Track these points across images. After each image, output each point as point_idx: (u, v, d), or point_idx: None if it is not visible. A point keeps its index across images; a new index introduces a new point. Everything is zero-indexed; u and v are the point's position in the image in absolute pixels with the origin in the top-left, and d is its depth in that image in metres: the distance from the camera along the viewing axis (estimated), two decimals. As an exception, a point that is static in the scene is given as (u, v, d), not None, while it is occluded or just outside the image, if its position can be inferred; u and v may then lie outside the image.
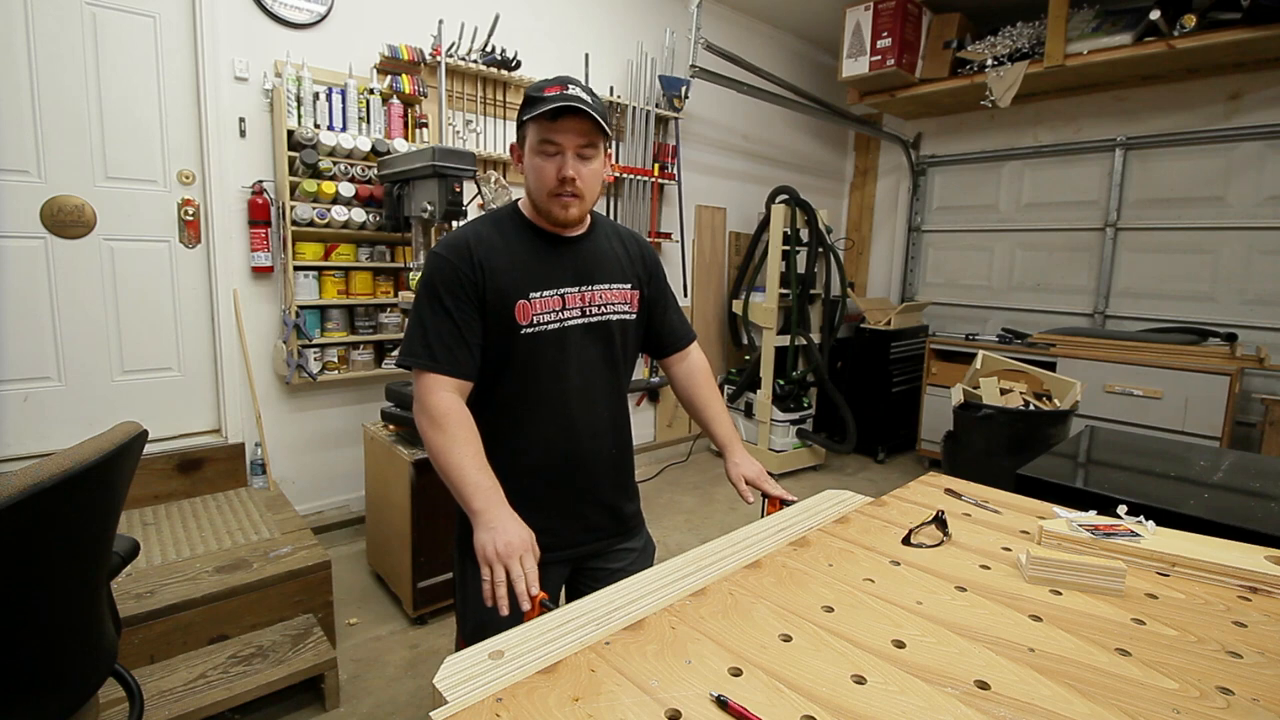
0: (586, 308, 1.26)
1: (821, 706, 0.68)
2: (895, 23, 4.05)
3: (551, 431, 1.26)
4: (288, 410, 2.86)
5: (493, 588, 1.02)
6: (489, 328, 1.20)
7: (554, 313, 1.23)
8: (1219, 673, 0.76)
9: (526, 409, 1.25)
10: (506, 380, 1.23)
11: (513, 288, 1.20)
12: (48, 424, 2.39)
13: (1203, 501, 1.48)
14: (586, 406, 1.28)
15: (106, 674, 1.15)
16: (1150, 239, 4.11)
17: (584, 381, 1.27)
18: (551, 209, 1.21)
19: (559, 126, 1.14)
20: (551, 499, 1.28)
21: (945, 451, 3.45)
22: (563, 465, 1.28)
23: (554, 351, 1.23)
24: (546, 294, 1.22)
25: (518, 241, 1.24)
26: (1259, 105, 3.69)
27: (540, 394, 1.24)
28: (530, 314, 1.20)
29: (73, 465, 0.89)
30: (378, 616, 2.43)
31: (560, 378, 1.24)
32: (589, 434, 1.29)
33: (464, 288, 1.18)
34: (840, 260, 4.46)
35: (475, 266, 1.18)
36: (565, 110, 1.12)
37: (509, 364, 1.22)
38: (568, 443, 1.27)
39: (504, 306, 1.19)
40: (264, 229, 2.65)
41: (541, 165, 1.17)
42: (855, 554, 1.05)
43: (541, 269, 1.23)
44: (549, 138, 1.15)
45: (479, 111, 3.21)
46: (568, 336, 1.24)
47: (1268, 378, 3.56)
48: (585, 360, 1.27)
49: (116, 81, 2.41)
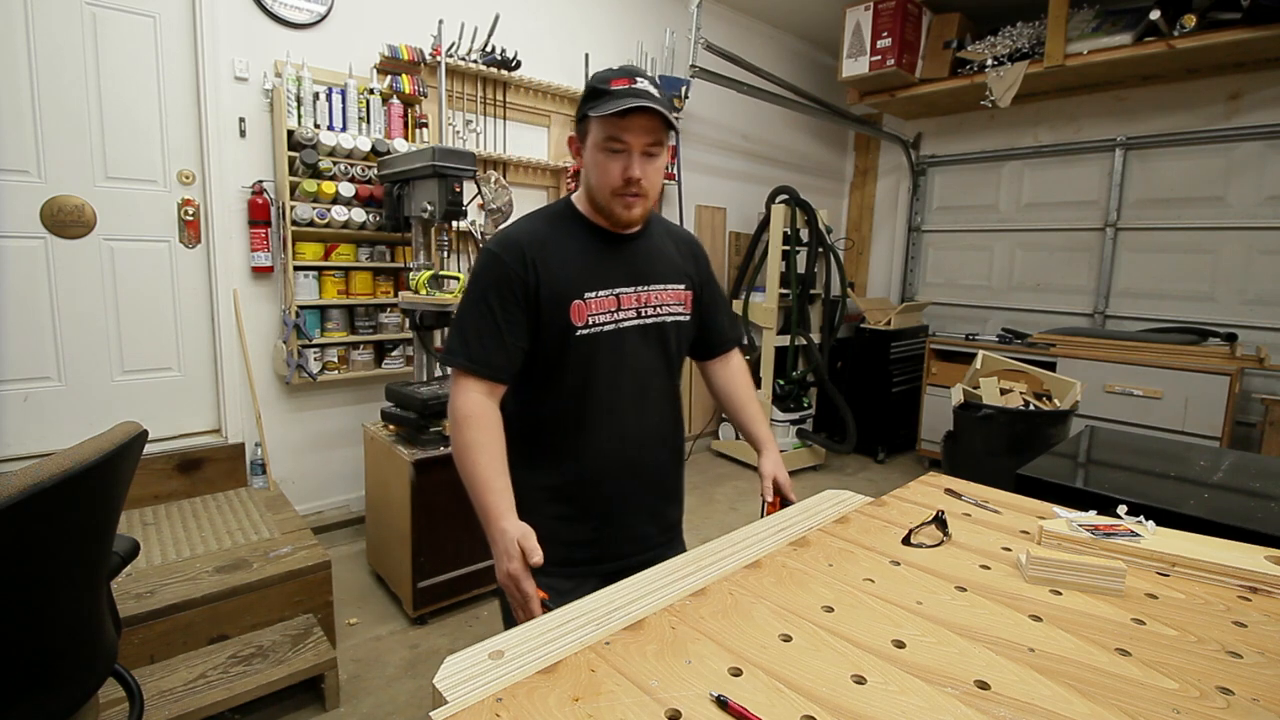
0: (642, 309, 1.22)
1: (821, 706, 0.68)
2: (895, 23, 4.05)
3: (605, 438, 1.22)
4: (288, 410, 2.86)
5: (516, 610, 1.05)
6: (542, 328, 1.16)
7: (609, 313, 1.19)
8: (1219, 673, 0.76)
9: (580, 414, 1.21)
10: (560, 383, 1.19)
11: (568, 288, 1.15)
12: (48, 424, 2.39)
13: (1203, 501, 1.48)
14: (641, 411, 1.25)
15: (106, 674, 1.15)
16: (1150, 239, 4.11)
17: (639, 385, 1.24)
18: (614, 209, 1.16)
19: (627, 124, 1.09)
20: (602, 508, 1.25)
21: (945, 451, 3.45)
22: (616, 473, 1.24)
23: (609, 354, 1.19)
24: (602, 294, 1.18)
25: (573, 239, 1.19)
26: (1259, 105, 3.69)
27: (595, 398, 1.20)
28: (585, 315, 1.16)
29: (73, 465, 0.89)
30: (378, 616, 2.43)
31: (615, 381, 1.21)
32: (642, 440, 1.26)
33: (512, 287, 1.14)
34: (840, 260, 4.46)
35: (528, 265, 1.14)
36: (635, 109, 1.07)
37: (563, 366, 1.18)
38: (621, 449, 1.24)
39: (558, 307, 1.15)
40: (264, 229, 2.65)
41: (606, 163, 1.12)
42: (855, 554, 1.05)
43: (597, 268, 1.19)
44: (616, 135, 1.10)
45: (479, 111, 3.21)
46: (623, 338, 1.20)
47: (1268, 378, 3.56)
48: (640, 363, 1.23)
49: (116, 81, 2.41)
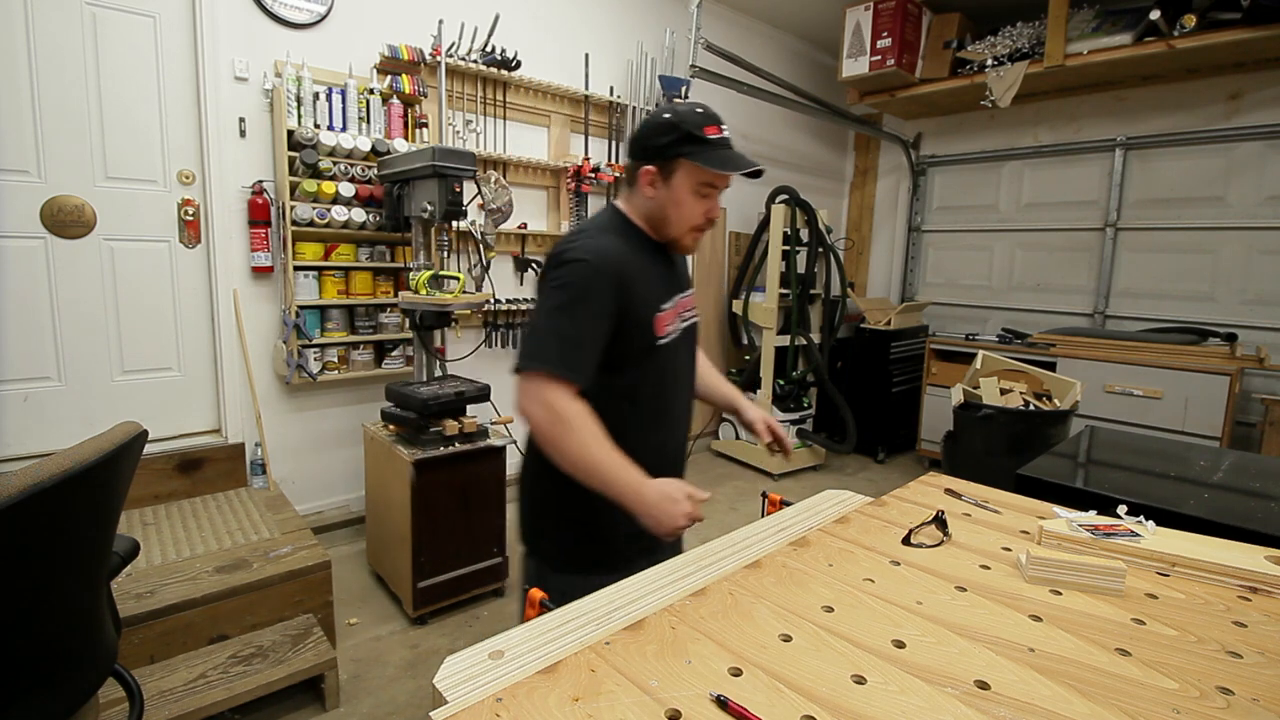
0: (683, 314, 1.36)
1: (821, 706, 0.68)
2: (895, 23, 4.05)
3: (666, 432, 1.35)
4: (288, 410, 2.86)
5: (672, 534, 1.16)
6: (626, 339, 1.22)
7: (674, 323, 1.31)
8: (1219, 673, 0.76)
9: (647, 421, 1.31)
10: (634, 394, 1.28)
11: (651, 301, 1.26)
12: (48, 424, 2.39)
13: (1203, 501, 1.48)
14: (685, 406, 1.41)
15: (106, 674, 1.15)
16: (1150, 239, 4.11)
17: (685, 384, 1.40)
18: (685, 241, 1.28)
19: (727, 178, 1.22)
20: None
21: (945, 451, 3.45)
22: (671, 461, 1.38)
23: (674, 358, 1.33)
24: (668, 305, 1.29)
25: (644, 255, 1.28)
26: (1259, 105, 3.69)
27: (666, 398, 1.33)
28: (665, 325, 1.28)
29: (73, 465, 0.89)
30: (378, 616, 2.43)
31: (675, 383, 1.35)
32: (684, 430, 1.42)
33: (605, 299, 1.17)
34: (840, 260, 4.46)
35: (618, 280, 1.19)
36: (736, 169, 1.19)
37: (642, 375, 1.28)
38: (674, 440, 1.38)
39: (644, 319, 1.24)
40: (264, 229, 2.65)
41: (695, 204, 1.23)
42: (855, 554, 1.05)
43: (663, 282, 1.31)
44: (713, 183, 1.22)
45: (479, 111, 3.21)
46: (681, 344, 1.34)
47: (1268, 378, 3.56)
48: (686, 363, 1.40)
49: (116, 82, 2.41)
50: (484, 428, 2.52)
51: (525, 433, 1.27)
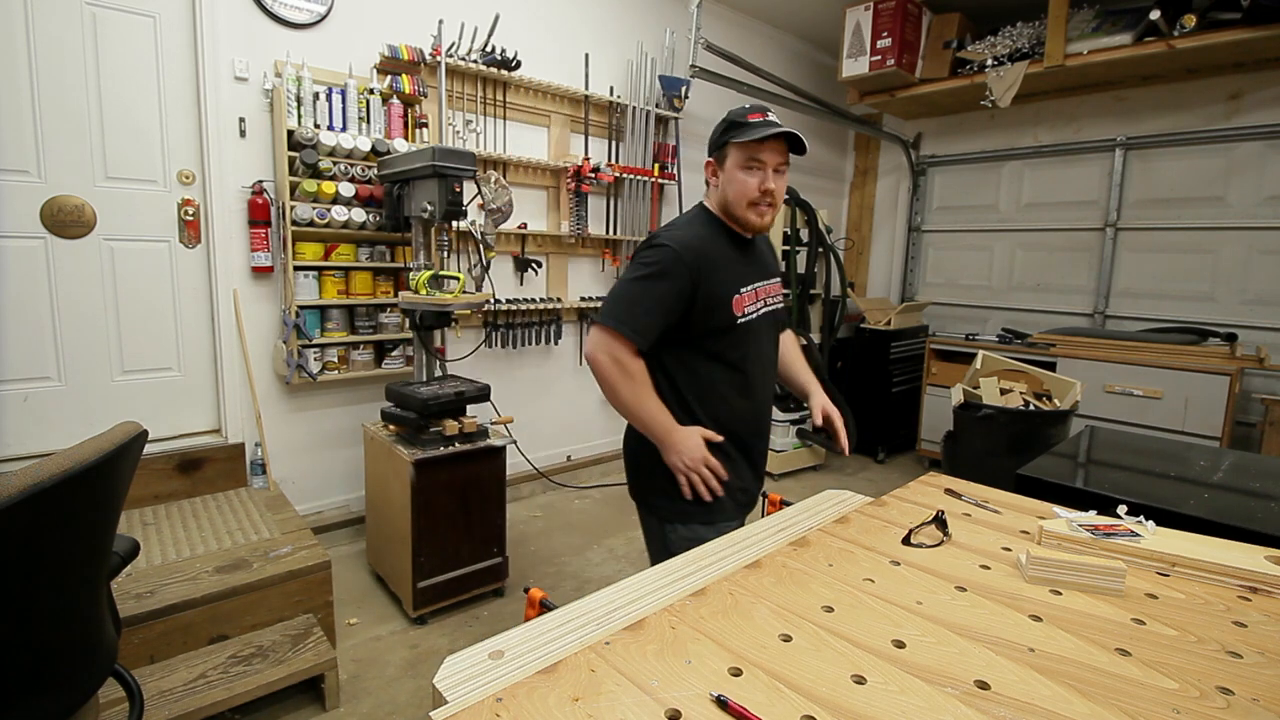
0: (766, 299, 1.52)
1: (821, 706, 0.68)
2: (895, 23, 4.05)
3: (747, 405, 1.50)
4: (288, 410, 2.86)
5: (690, 485, 1.42)
6: (705, 318, 1.41)
7: (754, 304, 1.48)
8: (1219, 673, 0.76)
9: (735, 390, 1.48)
10: (722, 364, 1.46)
11: (730, 284, 1.43)
12: (48, 424, 2.39)
13: (1203, 501, 1.48)
14: (766, 384, 1.55)
15: (106, 674, 1.15)
16: (1150, 239, 4.11)
17: (767, 362, 1.55)
18: (749, 217, 1.42)
19: (764, 147, 1.36)
20: (742, 461, 1.52)
21: (945, 451, 3.45)
22: (751, 434, 1.53)
23: (754, 337, 1.48)
24: (746, 289, 1.46)
25: (724, 245, 1.46)
26: (1259, 105, 3.69)
27: (745, 373, 1.48)
28: (743, 306, 1.45)
29: (73, 465, 0.89)
30: (378, 616, 2.43)
31: (757, 359, 1.50)
32: (766, 407, 1.57)
33: (682, 281, 1.38)
34: (840, 260, 4.46)
35: (696, 268, 1.38)
36: (771, 136, 1.33)
37: (725, 348, 1.45)
38: (756, 415, 1.53)
39: (722, 301, 1.41)
40: (264, 229, 2.65)
41: (745, 179, 1.38)
42: (855, 554, 1.05)
43: (743, 268, 1.47)
44: (755, 155, 1.36)
45: (479, 111, 3.21)
46: (761, 325, 1.50)
47: (1268, 378, 3.56)
48: (767, 344, 1.55)
49: (116, 81, 2.41)
50: (484, 428, 2.52)
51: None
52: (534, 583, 2.55)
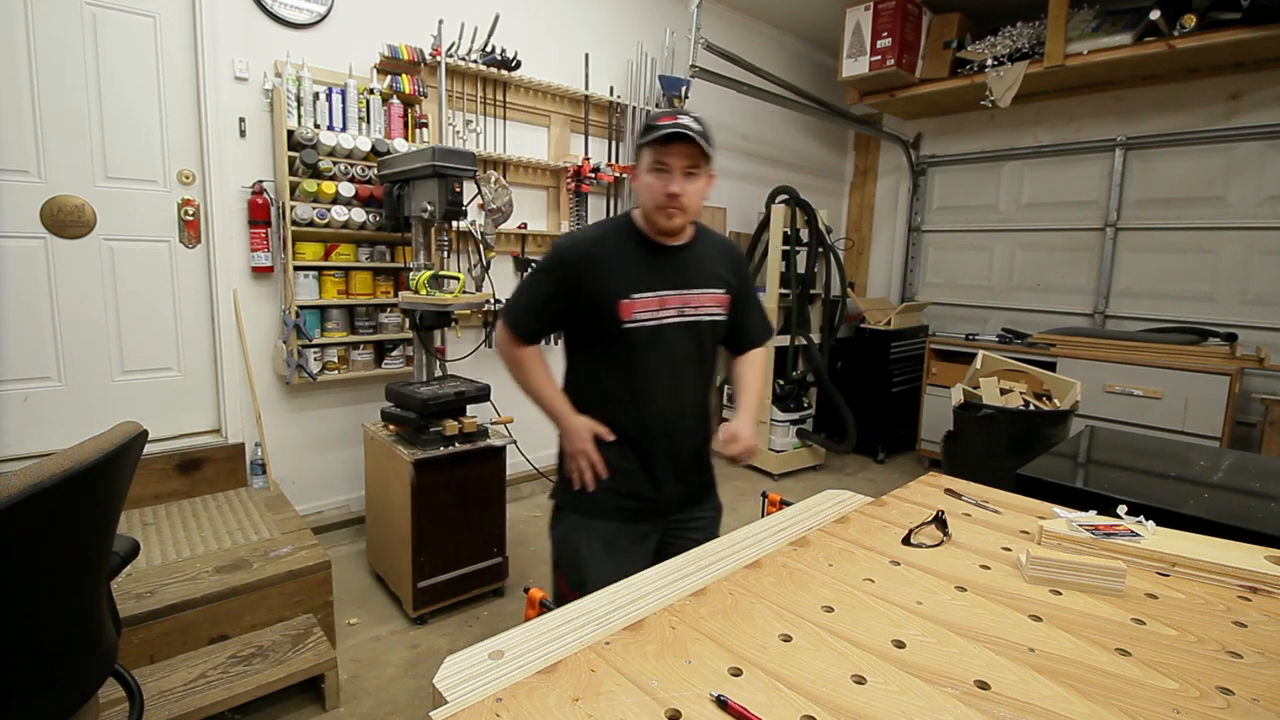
0: (684, 309, 1.45)
1: (821, 706, 0.68)
2: (895, 23, 4.05)
3: (646, 412, 1.45)
4: (288, 410, 2.86)
5: (578, 473, 1.45)
6: (591, 318, 1.42)
7: (652, 312, 1.42)
8: (1219, 673, 0.76)
9: (626, 394, 1.45)
10: (610, 367, 1.45)
11: (621, 287, 1.40)
12: (48, 424, 2.39)
13: (1203, 501, 1.48)
14: (676, 394, 1.48)
15: (106, 674, 1.15)
16: (1150, 239, 4.11)
17: (675, 372, 1.47)
18: (658, 219, 1.39)
19: (670, 150, 1.33)
20: (640, 470, 1.48)
21: (945, 451, 3.45)
22: (655, 441, 1.47)
23: (650, 345, 1.43)
24: (646, 296, 1.41)
25: (629, 247, 1.44)
26: (1259, 105, 3.69)
27: (638, 382, 1.44)
28: (631, 312, 1.40)
29: (73, 465, 0.89)
30: (378, 616, 2.43)
31: (656, 368, 1.44)
32: (676, 418, 1.49)
33: (560, 278, 1.42)
34: (840, 260, 4.46)
35: (578, 266, 1.41)
36: (674, 137, 1.32)
37: (613, 353, 1.43)
38: (660, 422, 1.46)
39: (605, 303, 1.39)
40: (264, 229, 2.65)
41: (652, 182, 1.37)
42: (855, 554, 1.05)
43: (647, 274, 1.42)
44: (661, 159, 1.34)
45: (479, 111, 3.21)
46: (664, 333, 1.44)
47: (1268, 378, 3.56)
48: (679, 354, 1.47)
49: (116, 81, 2.41)
50: (484, 428, 2.52)
51: None
52: (534, 583, 2.55)
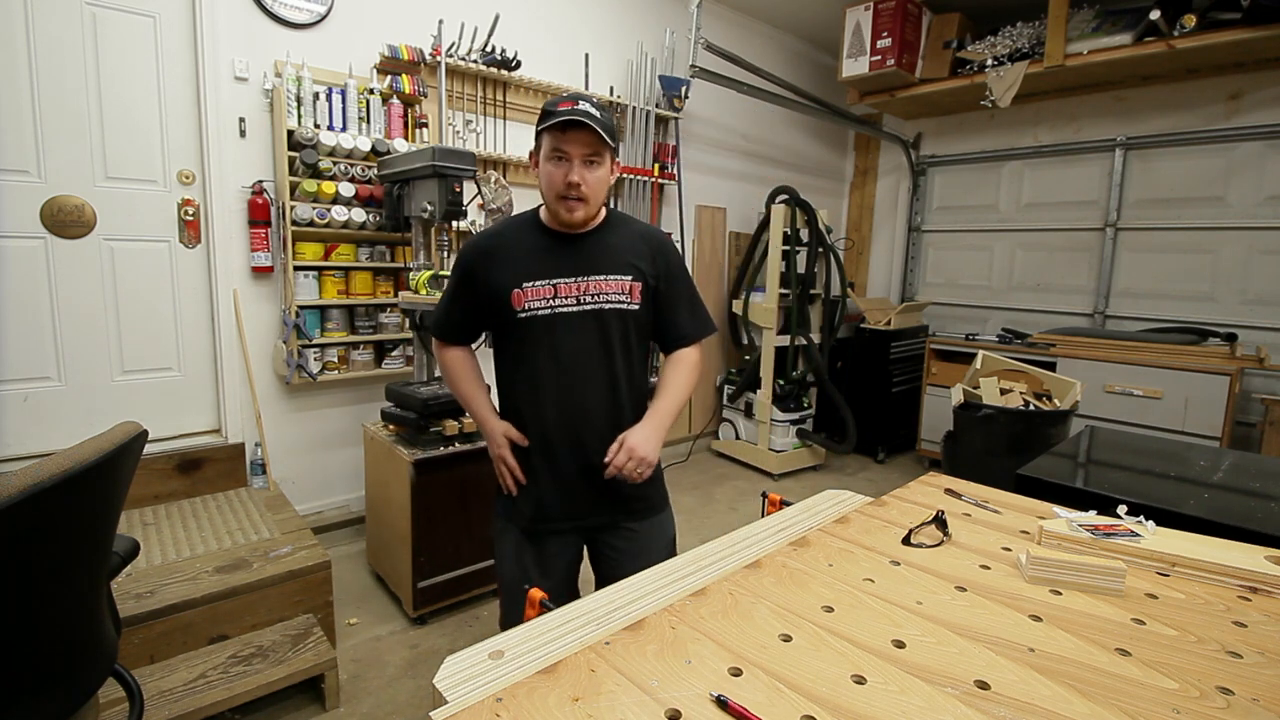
0: (581, 296, 1.37)
1: (821, 706, 0.68)
2: (895, 23, 4.05)
3: (546, 409, 1.40)
4: (288, 410, 2.86)
5: (500, 478, 1.46)
6: (493, 312, 1.40)
7: (545, 300, 1.36)
8: (1219, 673, 0.76)
9: (526, 386, 1.41)
10: (510, 358, 1.43)
11: (512, 278, 1.36)
12: (48, 424, 2.39)
13: (1203, 501, 1.48)
14: (579, 387, 1.39)
15: (106, 674, 1.15)
16: (1150, 239, 4.11)
17: (575, 363, 1.39)
18: (559, 211, 1.35)
19: (568, 138, 1.28)
20: (548, 471, 1.43)
21: (945, 451, 3.45)
22: (557, 441, 1.41)
23: (546, 334, 1.37)
24: (540, 284, 1.36)
25: (526, 240, 1.40)
26: (1259, 105, 3.69)
27: (536, 372, 1.39)
28: (523, 300, 1.36)
29: (73, 465, 0.89)
30: (378, 616, 2.43)
31: (552, 359, 1.38)
32: (581, 414, 1.40)
33: (469, 276, 1.42)
34: (840, 260, 4.46)
35: (475, 261, 1.40)
36: (573, 124, 1.26)
37: (510, 344, 1.42)
38: (561, 421, 1.40)
39: (503, 294, 1.36)
40: (264, 229, 2.65)
41: (552, 171, 1.32)
42: (855, 554, 1.05)
43: (541, 263, 1.37)
44: (559, 147, 1.30)
45: (479, 111, 3.21)
46: (558, 322, 1.37)
47: (1268, 378, 3.56)
48: (579, 345, 1.38)
49: (116, 81, 2.40)
50: (484, 428, 2.52)
51: None
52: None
